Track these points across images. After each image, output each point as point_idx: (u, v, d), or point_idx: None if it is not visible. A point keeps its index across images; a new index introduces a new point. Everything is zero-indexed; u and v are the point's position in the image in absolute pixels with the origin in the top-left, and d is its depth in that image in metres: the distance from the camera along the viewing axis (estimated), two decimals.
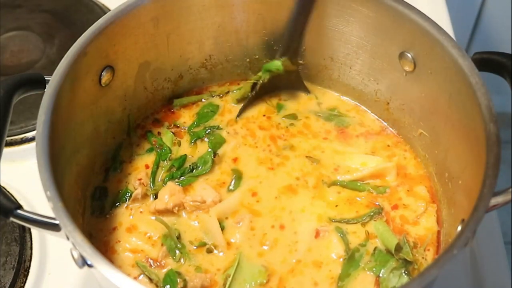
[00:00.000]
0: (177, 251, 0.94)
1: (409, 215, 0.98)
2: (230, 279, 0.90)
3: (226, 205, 0.98)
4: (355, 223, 0.97)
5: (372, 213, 0.97)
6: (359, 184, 1.01)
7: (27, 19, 1.44)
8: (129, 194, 1.01)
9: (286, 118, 1.11)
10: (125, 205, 1.00)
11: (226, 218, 0.97)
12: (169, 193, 0.98)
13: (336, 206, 0.99)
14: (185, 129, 1.10)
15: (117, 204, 1.00)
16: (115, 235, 0.96)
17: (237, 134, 1.09)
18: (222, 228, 0.96)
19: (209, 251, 0.94)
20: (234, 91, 1.15)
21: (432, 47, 0.92)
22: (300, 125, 1.10)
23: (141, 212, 0.99)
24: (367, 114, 1.12)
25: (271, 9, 1.06)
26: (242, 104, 1.13)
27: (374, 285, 0.90)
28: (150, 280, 0.91)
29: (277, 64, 1.09)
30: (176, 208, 0.98)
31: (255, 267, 0.92)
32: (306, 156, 1.04)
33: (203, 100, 1.14)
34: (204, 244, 0.95)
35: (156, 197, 1.00)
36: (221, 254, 0.93)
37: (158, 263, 0.93)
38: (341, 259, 0.93)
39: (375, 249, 0.94)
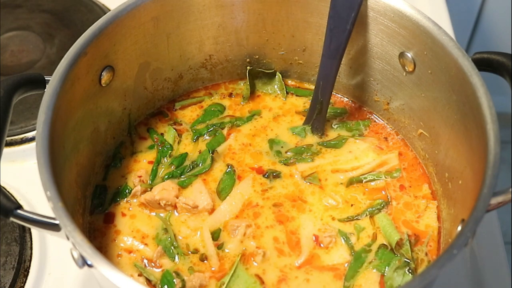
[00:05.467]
0: (173, 249, 0.94)
1: (412, 209, 0.99)
2: (224, 287, 0.90)
3: (218, 217, 0.98)
4: (365, 216, 0.98)
5: (380, 206, 0.98)
6: (373, 173, 1.02)
7: (27, 19, 1.44)
8: (129, 190, 1.01)
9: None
10: (124, 201, 1.00)
11: (220, 229, 0.97)
12: (161, 188, 0.99)
13: (339, 207, 0.99)
14: (187, 126, 1.10)
15: (117, 200, 1.00)
16: (112, 233, 0.97)
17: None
18: (216, 238, 0.95)
19: (202, 259, 0.94)
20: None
21: (432, 47, 0.92)
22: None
23: (138, 205, 1.00)
24: (367, 114, 1.12)
25: (271, 9, 1.07)
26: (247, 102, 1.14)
27: (379, 284, 0.91)
28: (149, 281, 0.91)
29: (299, 129, 1.09)
30: (164, 202, 0.98)
31: (251, 278, 0.91)
32: (306, 177, 1.04)
33: (204, 100, 1.15)
34: (197, 251, 0.94)
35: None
36: (213, 268, 0.92)
37: (153, 264, 0.93)
38: (346, 264, 0.93)
39: (379, 247, 0.94)
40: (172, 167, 1.04)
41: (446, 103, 0.94)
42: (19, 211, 0.77)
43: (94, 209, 1.00)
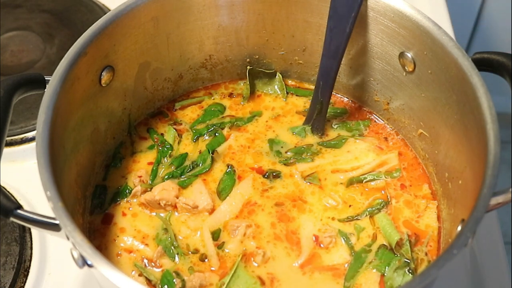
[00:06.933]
0: (173, 249, 0.94)
1: (412, 208, 0.99)
2: (224, 287, 0.90)
3: (218, 217, 0.98)
4: (365, 216, 0.98)
5: (380, 205, 0.98)
6: (373, 173, 1.02)
7: (27, 19, 1.44)
8: (129, 190, 1.01)
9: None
10: (124, 201, 1.00)
11: (220, 229, 0.97)
12: (161, 188, 0.99)
13: (338, 207, 0.99)
14: (187, 126, 1.10)
15: (117, 200, 1.00)
16: (112, 233, 0.97)
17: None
18: (217, 238, 0.95)
19: (202, 259, 0.94)
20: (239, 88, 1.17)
21: (432, 47, 0.92)
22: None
23: (138, 205, 1.00)
24: (367, 114, 1.12)
25: (271, 9, 1.07)
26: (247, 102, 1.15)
27: (379, 284, 0.91)
28: (149, 281, 0.91)
29: (299, 129, 1.09)
30: (164, 202, 0.98)
31: (251, 278, 0.91)
32: (306, 177, 1.03)
33: (205, 100, 1.15)
34: (197, 251, 0.94)
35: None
36: (213, 268, 0.92)
37: (153, 263, 0.93)
38: (346, 265, 0.93)
39: (379, 247, 0.94)
40: (172, 167, 1.04)
41: (446, 103, 0.94)
42: (19, 211, 0.77)
43: (94, 209, 1.00)
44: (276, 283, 0.91)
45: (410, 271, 0.91)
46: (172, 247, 0.94)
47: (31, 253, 1.05)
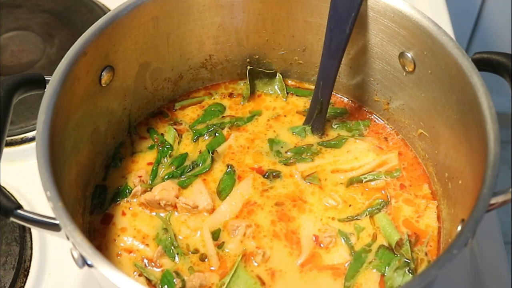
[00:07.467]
0: (173, 248, 0.94)
1: (412, 208, 1.00)
2: (224, 287, 0.90)
3: (218, 217, 0.98)
4: (365, 216, 0.97)
5: (380, 205, 0.98)
6: (373, 173, 1.02)
7: (27, 19, 1.44)
8: (129, 190, 1.01)
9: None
10: (125, 201, 1.00)
11: (220, 229, 0.97)
12: (161, 188, 0.99)
13: (338, 207, 0.99)
14: (187, 126, 1.10)
15: (117, 200, 1.00)
16: (112, 233, 0.97)
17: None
18: (216, 238, 0.95)
19: (202, 259, 0.94)
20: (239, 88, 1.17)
21: (432, 47, 0.92)
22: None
23: (138, 205, 1.00)
24: (367, 114, 1.12)
25: (271, 9, 1.07)
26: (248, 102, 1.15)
27: (379, 284, 0.91)
28: (149, 281, 0.91)
29: (299, 129, 1.09)
30: (164, 202, 0.98)
31: (251, 278, 0.91)
32: (306, 176, 1.03)
33: (205, 100, 1.15)
34: (197, 251, 0.94)
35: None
36: (213, 268, 0.92)
37: (153, 263, 0.93)
38: (346, 264, 0.93)
39: (379, 247, 0.94)
40: (172, 167, 1.04)
41: (446, 103, 0.94)
42: (19, 211, 0.77)
43: (94, 209, 1.00)
44: (276, 283, 0.91)
45: (410, 271, 0.91)
46: (172, 247, 0.94)
47: (31, 253, 1.05)
